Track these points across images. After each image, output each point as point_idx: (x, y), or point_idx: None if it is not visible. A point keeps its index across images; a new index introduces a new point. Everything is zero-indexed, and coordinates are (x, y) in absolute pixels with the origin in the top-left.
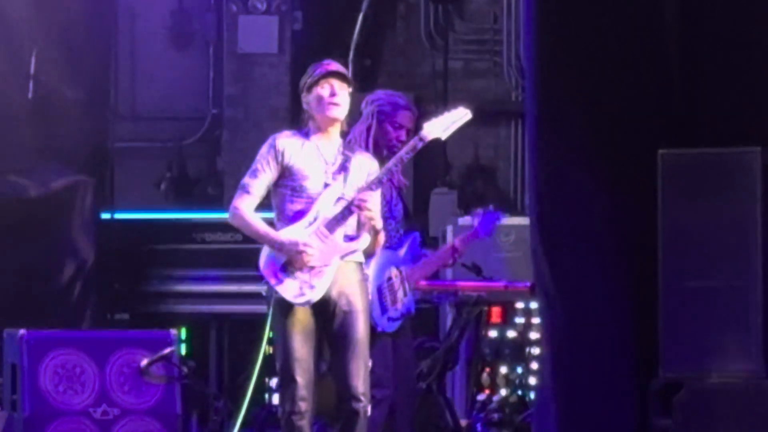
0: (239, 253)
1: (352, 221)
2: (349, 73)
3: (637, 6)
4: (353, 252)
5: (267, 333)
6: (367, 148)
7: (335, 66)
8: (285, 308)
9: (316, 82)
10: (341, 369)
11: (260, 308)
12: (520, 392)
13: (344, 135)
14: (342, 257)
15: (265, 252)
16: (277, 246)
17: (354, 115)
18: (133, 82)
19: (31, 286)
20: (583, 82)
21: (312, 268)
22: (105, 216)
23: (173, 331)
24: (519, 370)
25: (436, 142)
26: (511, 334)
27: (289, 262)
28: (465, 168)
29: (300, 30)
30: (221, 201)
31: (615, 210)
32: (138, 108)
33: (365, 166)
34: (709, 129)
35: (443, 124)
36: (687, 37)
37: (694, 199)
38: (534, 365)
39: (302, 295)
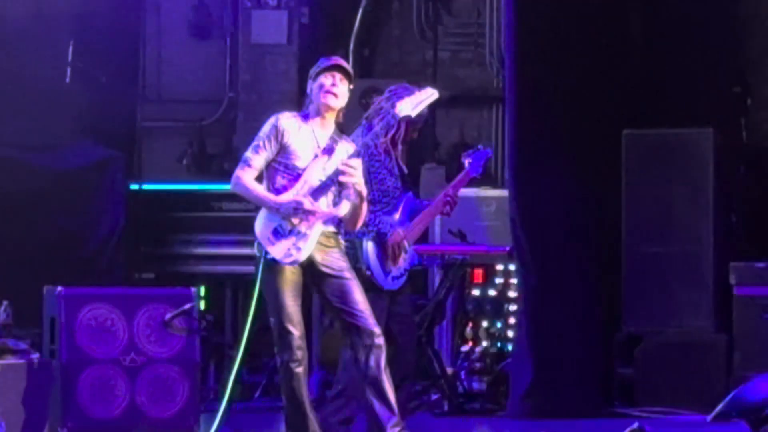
0: (251, 220)
1: (331, 195)
2: (351, 71)
3: (603, 4)
4: (335, 216)
5: (257, 288)
6: (387, 141)
7: (341, 62)
8: (275, 268)
9: (321, 72)
10: (354, 318)
11: None
12: (499, 344)
13: (339, 124)
14: (325, 222)
15: (259, 219)
16: (275, 206)
17: (349, 106)
18: (158, 68)
19: (68, 249)
20: (557, 70)
21: (299, 231)
22: (133, 187)
23: (193, 289)
24: (498, 324)
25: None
26: (492, 292)
27: (280, 227)
28: (452, 146)
29: (306, 23)
30: None
31: (583, 183)
32: (163, 92)
33: (348, 151)
34: (668, 112)
35: (413, 103)
36: (649, 31)
37: (653, 174)
38: (511, 320)
39: (290, 255)
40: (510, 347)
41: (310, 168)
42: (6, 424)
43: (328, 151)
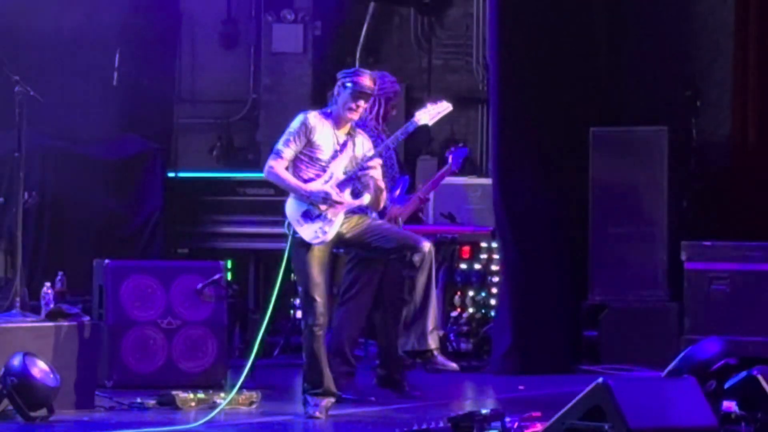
0: (271, 203)
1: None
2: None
3: (573, 20)
4: (357, 206)
5: (285, 262)
6: (373, 119)
7: (370, 88)
8: (305, 246)
9: (353, 92)
10: (397, 242)
11: (286, 245)
12: (483, 311)
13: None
14: (347, 211)
15: (289, 203)
16: (306, 194)
17: None
18: (192, 73)
19: (114, 227)
20: (533, 76)
21: (325, 216)
22: (170, 175)
23: (221, 262)
24: (482, 293)
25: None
26: (477, 266)
27: (309, 211)
28: (444, 140)
29: (319, 35)
30: (259, 164)
31: (556, 173)
32: (196, 93)
33: (365, 144)
34: (629, 113)
35: (430, 114)
36: (613, 44)
37: (616, 165)
38: (494, 290)
39: (317, 237)
40: (492, 313)
41: (336, 163)
42: (60, 376)
43: (345, 145)
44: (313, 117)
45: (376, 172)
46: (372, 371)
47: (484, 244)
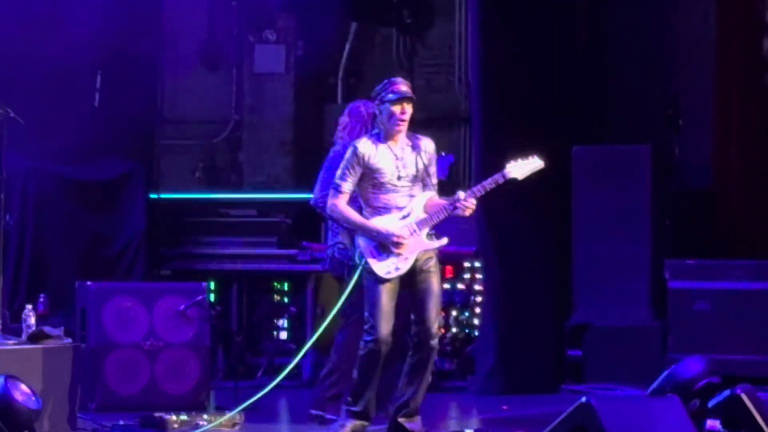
0: (254, 225)
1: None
2: (413, 94)
3: (555, 39)
4: (433, 249)
5: (349, 292)
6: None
7: (408, 91)
8: (378, 277)
9: (393, 99)
10: (423, 316)
11: (269, 267)
12: (466, 330)
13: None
14: (422, 251)
15: (361, 235)
16: (373, 233)
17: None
18: (174, 94)
19: (97, 249)
20: (515, 96)
21: (399, 254)
22: (153, 196)
23: (204, 283)
24: (466, 313)
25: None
26: (460, 286)
27: (383, 245)
28: None
29: (301, 55)
30: (241, 185)
31: (539, 191)
32: (178, 114)
33: (428, 147)
34: (612, 131)
35: (522, 169)
36: (594, 63)
37: (598, 183)
38: (477, 310)
39: (389, 273)
40: (476, 333)
41: (417, 200)
42: (42, 399)
43: (416, 165)
44: (363, 144)
45: (472, 210)
46: None
47: (467, 264)
